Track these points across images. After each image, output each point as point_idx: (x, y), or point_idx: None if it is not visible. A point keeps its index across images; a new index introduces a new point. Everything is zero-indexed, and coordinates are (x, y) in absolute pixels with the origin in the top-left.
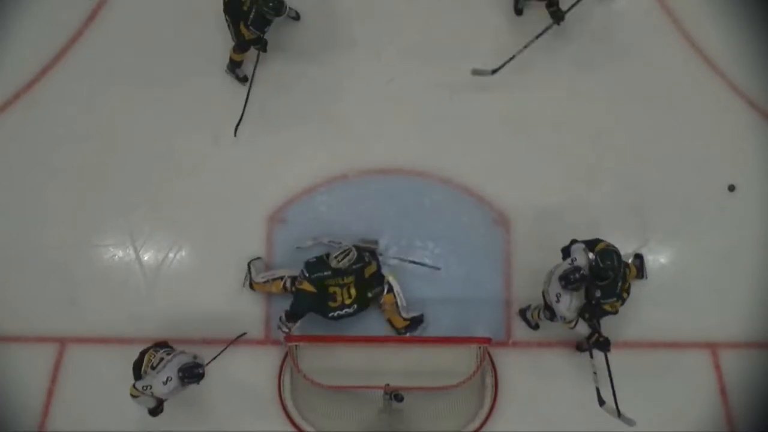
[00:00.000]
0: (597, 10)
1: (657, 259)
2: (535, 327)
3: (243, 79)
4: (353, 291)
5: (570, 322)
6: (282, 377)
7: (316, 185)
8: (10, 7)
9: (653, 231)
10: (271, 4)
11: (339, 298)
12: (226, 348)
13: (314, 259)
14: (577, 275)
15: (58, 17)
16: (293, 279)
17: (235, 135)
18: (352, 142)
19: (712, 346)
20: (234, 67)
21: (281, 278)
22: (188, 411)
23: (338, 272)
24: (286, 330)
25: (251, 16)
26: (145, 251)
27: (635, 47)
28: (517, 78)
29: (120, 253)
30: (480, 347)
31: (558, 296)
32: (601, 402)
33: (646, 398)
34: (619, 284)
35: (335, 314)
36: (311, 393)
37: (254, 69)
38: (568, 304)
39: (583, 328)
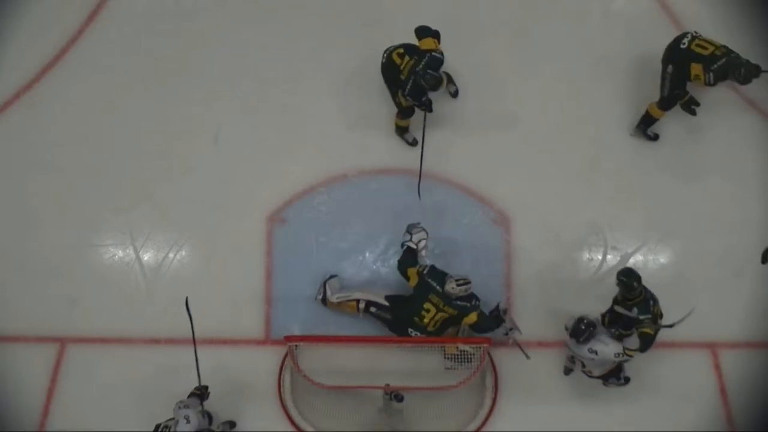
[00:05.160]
0: (596, 11)
1: (657, 259)
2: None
3: (413, 143)
4: (439, 325)
5: (623, 352)
6: (282, 377)
7: (316, 185)
8: (10, 7)
9: (653, 231)
10: (428, 76)
11: (426, 320)
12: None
13: (440, 270)
14: (582, 325)
15: (58, 17)
16: (368, 303)
17: (419, 198)
18: (352, 142)
19: (712, 346)
20: (401, 132)
21: (357, 300)
22: None
23: (444, 296)
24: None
25: (408, 86)
26: (145, 251)
27: (634, 48)
28: (517, 78)
29: (120, 253)
30: (480, 347)
31: (592, 351)
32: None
33: (647, 398)
34: (651, 304)
35: (412, 332)
36: (311, 393)
37: (423, 131)
38: (605, 347)
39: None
